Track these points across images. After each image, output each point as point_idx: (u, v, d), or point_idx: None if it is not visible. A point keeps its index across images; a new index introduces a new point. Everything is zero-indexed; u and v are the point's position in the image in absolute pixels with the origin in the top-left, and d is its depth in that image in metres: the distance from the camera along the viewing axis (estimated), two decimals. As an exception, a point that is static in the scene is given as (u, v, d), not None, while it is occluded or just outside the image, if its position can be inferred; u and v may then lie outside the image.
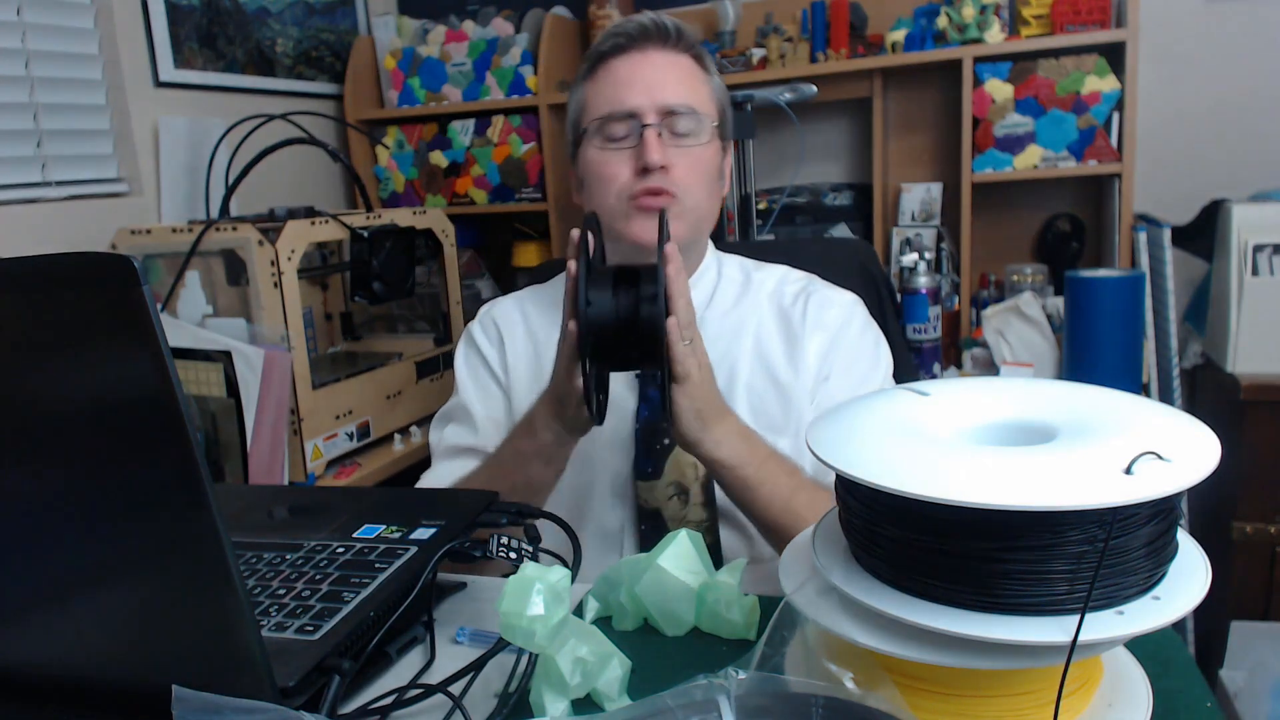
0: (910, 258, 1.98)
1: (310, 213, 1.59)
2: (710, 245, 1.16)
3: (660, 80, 1.04)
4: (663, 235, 0.84)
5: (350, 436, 1.60)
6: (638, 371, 1.05)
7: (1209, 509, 1.85)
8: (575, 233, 0.85)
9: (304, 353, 1.50)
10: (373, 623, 0.65)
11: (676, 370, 0.84)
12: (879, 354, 1.11)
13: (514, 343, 1.15)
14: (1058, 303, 1.90)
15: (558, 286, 1.19)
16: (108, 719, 0.59)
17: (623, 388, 1.08)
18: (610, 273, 0.85)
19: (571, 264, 0.83)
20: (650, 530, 1.06)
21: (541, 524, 0.81)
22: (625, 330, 0.83)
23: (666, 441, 1.05)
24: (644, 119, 1.02)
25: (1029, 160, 1.92)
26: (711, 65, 1.10)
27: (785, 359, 1.08)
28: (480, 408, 1.13)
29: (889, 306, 1.35)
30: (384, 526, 0.79)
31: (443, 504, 0.84)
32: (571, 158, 1.12)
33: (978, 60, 1.92)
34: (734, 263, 1.17)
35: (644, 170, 1.01)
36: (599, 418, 0.90)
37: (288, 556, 0.75)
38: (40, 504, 0.55)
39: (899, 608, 0.51)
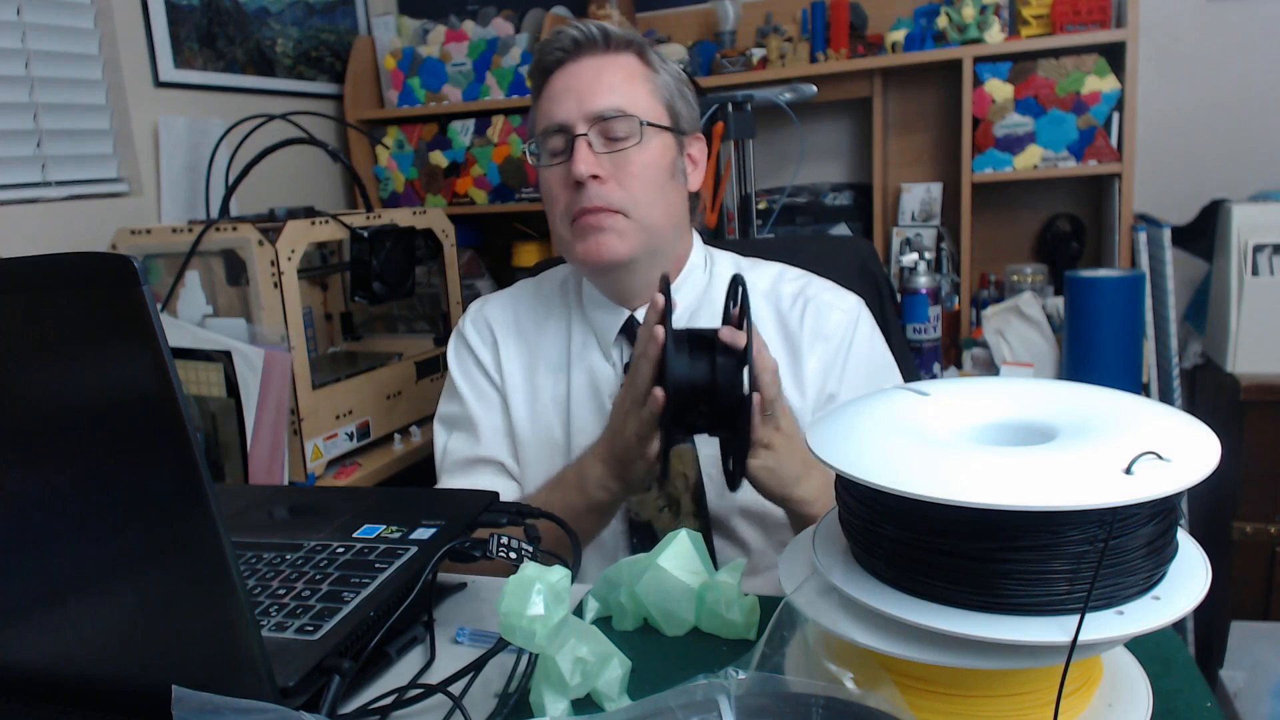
0: (910, 258, 1.97)
1: (310, 213, 1.59)
2: (698, 241, 1.13)
3: (590, 87, 1.00)
4: (669, 305, 0.82)
5: (350, 436, 1.60)
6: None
7: (1209, 509, 1.85)
8: (660, 298, 0.83)
9: (304, 353, 1.50)
10: (373, 623, 0.65)
11: (755, 437, 0.82)
12: (886, 366, 1.08)
13: (507, 344, 1.13)
14: (1058, 303, 1.90)
15: (548, 281, 1.18)
16: (108, 719, 0.59)
17: (607, 403, 1.06)
18: (685, 337, 0.82)
19: (659, 330, 0.81)
20: (641, 543, 1.05)
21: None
22: (702, 398, 0.81)
23: None
24: (574, 130, 0.99)
25: (1029, 160, 1.92)
26: (658, 59, 1.06)
27: (787, 369, 1.04)
28: (482, 416, 1.12)
29: (889, 305, 1.35)
30: (384, 526, 0.79)
31: (443, 504, 0.84)
32: None
33: (978, 60, 1.92)
34: (726, 260, 1.13)
35: (575, 183, 0.98)
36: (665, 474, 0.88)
37: (288, 556, 0.75)
38: (40, 504, 0.55)
39: (899, 608, 0.51)
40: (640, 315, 1.07)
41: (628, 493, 0.92)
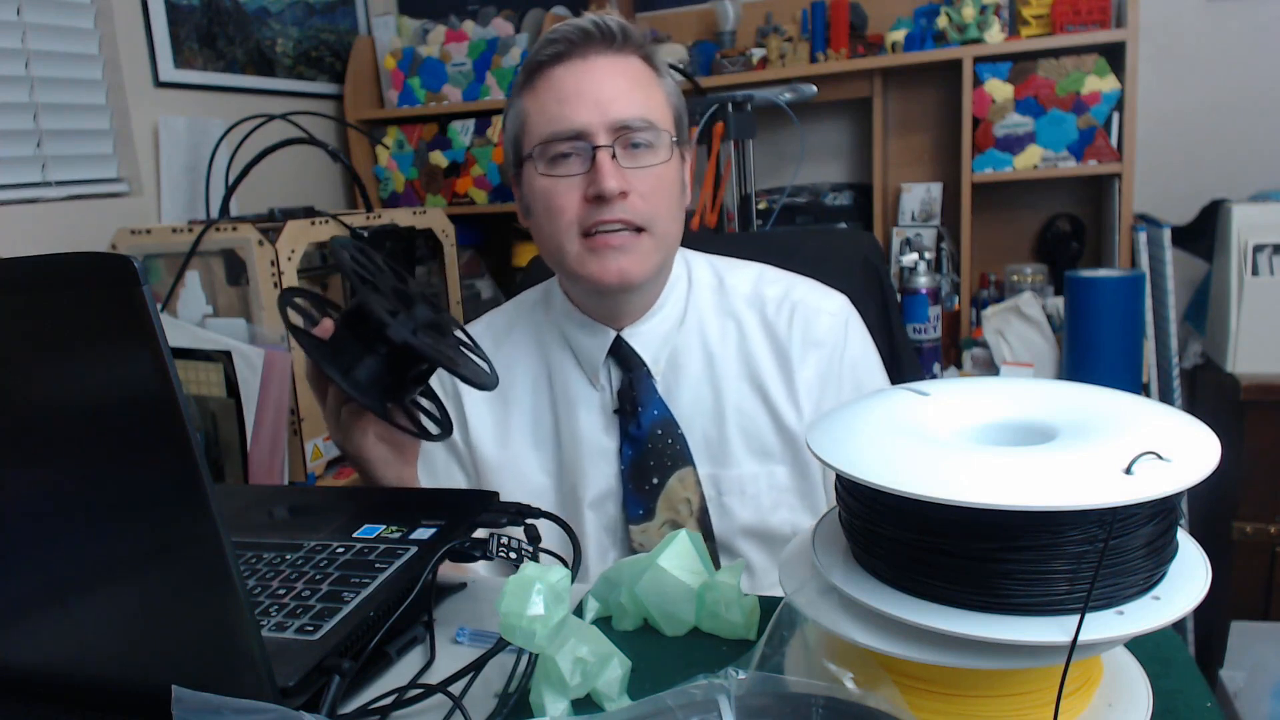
0: (910, 258, 1.98)
1: (310, 213, 1.59)
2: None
3: (609, 91, 0.91)
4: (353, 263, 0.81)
5: (350, 436, 1.60)
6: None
7: (1209, 509, 1.85)
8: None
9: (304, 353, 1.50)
10: (373, 623, 0.65)
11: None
12: (876, 369, 1.05)
13: (474, 403, 1.05)
14: (1058, 303, 1.90)
15: (520, 304, 1.10)
16: (107, 719, 0.59)
17: (601, 432, 1.01)
18: (346, 320, 0.83)
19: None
20: None
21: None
22: (398, 363, 0.82)
23: (656, 481, 0.99)
24: (594, 140, 0.90)
25: (1029, 160, 1.92)
26: (663, 65, 0.98)
27: (779, 380, 1.00)
28: (439, 452, 1.06)
29: (891, 300, 1.34)
30: (384, 526, 0.79)
31: (443, 504, 0.84)
32: (514, 177, 1.00)
33: (978, 60, 1.92)
34: (703, 263, 1.07)
35: (597, 198, 0.90)
36: (445, 429, 0.87)
37: (288, 556, 0.75)
38: (40, 504, 0.55)
39: (899, 608, 0.51)
40: (627, 334, 1.01)
41: (355, 459, 0.92)
